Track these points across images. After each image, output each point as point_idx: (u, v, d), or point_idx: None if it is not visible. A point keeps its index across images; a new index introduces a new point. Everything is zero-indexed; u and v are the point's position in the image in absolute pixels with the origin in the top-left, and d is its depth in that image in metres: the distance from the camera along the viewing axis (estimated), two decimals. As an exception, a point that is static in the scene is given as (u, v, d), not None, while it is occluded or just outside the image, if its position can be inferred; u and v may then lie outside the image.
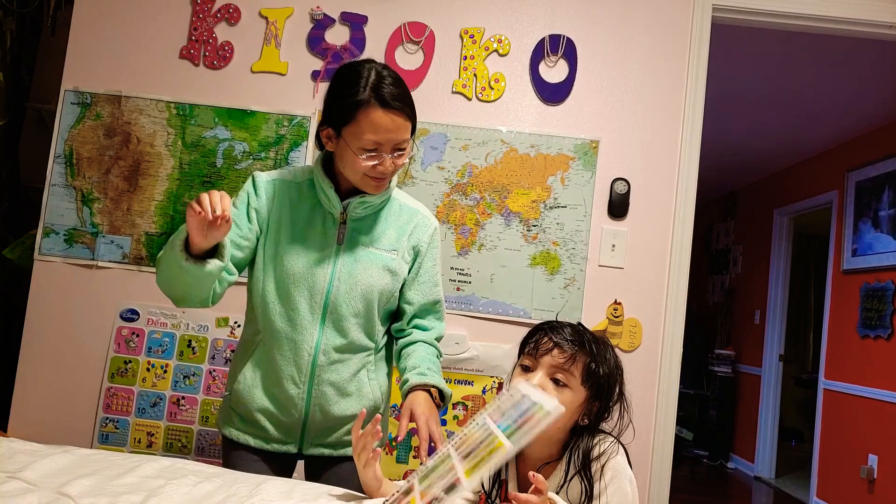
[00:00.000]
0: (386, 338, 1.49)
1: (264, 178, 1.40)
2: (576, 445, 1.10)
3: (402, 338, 1.47)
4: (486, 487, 1.17)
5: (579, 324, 1.18)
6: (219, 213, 1.11)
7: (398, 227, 1.43)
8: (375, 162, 1.29)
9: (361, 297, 1.37)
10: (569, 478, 1.08)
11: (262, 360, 1.39)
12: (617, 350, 1.20)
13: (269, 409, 1.38)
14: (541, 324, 1.17)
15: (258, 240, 1.39)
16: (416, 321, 1.47)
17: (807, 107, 3.88)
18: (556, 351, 1.10)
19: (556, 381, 1.10)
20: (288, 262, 1.36)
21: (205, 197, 1.12)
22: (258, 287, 1.39)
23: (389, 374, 1.52)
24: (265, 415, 1.39)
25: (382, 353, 1.48)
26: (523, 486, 1.13)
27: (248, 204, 1.38)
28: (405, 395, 1.33)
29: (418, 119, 1.37)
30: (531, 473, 1.00)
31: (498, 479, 1.16)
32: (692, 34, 2.26)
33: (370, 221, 1.41)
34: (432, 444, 1.20)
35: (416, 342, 1.44)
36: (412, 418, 1.25)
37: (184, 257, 1.17)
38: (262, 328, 1.40)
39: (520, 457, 1.15)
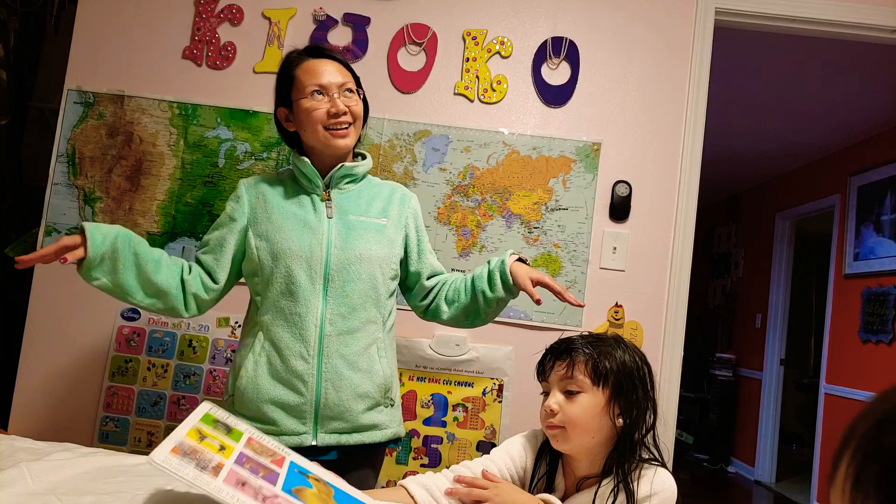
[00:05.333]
0: (394, 319, 1.51)
1: (244, 181, 1.49)
2: (619, 461, 1.09)
3: (433, 293, 1.55)
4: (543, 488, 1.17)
5: (583, 333, 1.19)
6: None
7: (382, 198, 1.49)
8: (327, 105, 1.37)
9: (360, 260, 1.39)
10: (614, 491, 1.06)
11: (265, 347, 1.38)
12: None
13: (278, 396, 1.35)
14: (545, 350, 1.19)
15: (242, 234, 1.44)
16: (434, 279, 1.57)
17: (809, 111, 3.88)
18: (556, 364, 1.13)
19: (568, 393, 1.10)
20: (282, 240, 1.39)
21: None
22: (254, 274, 1.42)
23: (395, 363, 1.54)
24: (275, 404, 1.35)
25: (391, 334, 1.50)
26: (566, 497, 1.13)
27: (228, 214, 1.45)
28: (503, 278, 1.46)
29: (420, 121, 1.39)
30: (482, 469, 1.12)
31: (551, 488, 1.16)
32: (695, 37, 2.26)
33: (354, 197, 1.46)
34: None
35: (448, 280, 1.56)
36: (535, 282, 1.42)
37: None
38: (263, 314, 1.40)
39: (566, 472, 1.15)
